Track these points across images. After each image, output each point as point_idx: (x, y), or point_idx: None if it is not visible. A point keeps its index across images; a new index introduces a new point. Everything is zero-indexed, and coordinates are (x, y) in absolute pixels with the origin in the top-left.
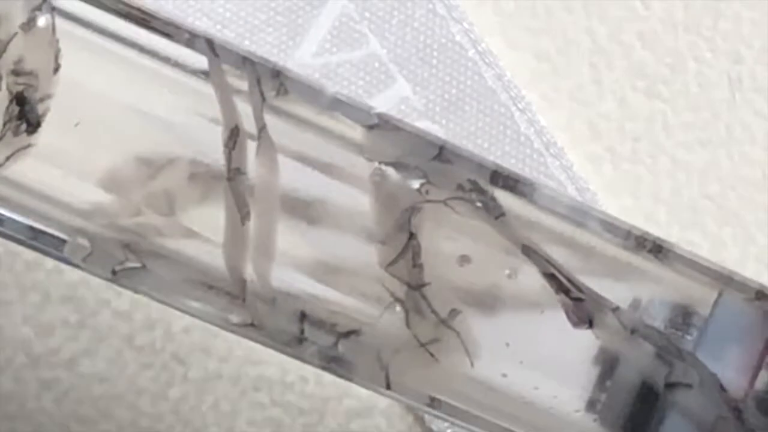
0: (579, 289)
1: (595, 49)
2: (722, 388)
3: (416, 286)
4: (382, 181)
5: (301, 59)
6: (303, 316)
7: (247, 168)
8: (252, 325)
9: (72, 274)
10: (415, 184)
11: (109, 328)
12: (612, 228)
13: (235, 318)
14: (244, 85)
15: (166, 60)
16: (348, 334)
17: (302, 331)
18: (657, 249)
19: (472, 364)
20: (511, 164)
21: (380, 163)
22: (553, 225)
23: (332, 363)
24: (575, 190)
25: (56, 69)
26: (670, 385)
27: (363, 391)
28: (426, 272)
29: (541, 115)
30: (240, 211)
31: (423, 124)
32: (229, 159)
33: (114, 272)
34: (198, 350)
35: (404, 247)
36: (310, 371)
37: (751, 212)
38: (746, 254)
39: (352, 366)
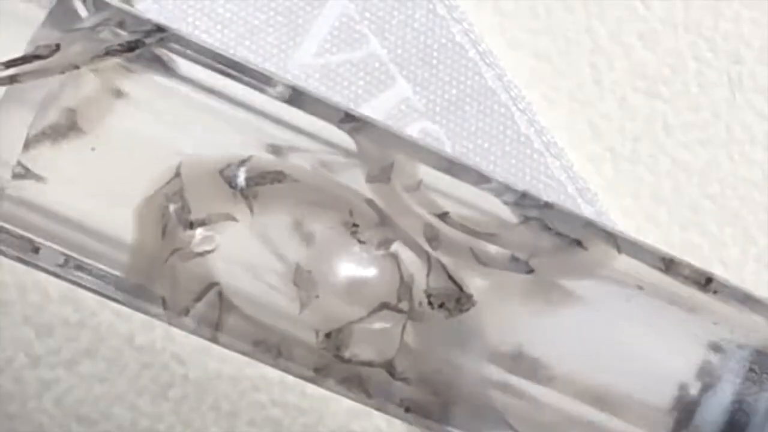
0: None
1: (595, 49)
2: None
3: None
4: None
5: (302, 59)
6: (444, 214)
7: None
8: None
9: None
10: None
11: (109, 328)
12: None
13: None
14: None
15: None
16: (486, 236)
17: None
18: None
19: (619, 250)
20: (511, 164)
21: None
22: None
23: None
24: (575, 190)
25: None
26: None
27: None
28: None
29: (541, 115)
30: None
31: (423, 124)
32: None
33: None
34: (198, 350)
35: None
36: None
37: (751, 212)
38: (746, 254)
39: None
